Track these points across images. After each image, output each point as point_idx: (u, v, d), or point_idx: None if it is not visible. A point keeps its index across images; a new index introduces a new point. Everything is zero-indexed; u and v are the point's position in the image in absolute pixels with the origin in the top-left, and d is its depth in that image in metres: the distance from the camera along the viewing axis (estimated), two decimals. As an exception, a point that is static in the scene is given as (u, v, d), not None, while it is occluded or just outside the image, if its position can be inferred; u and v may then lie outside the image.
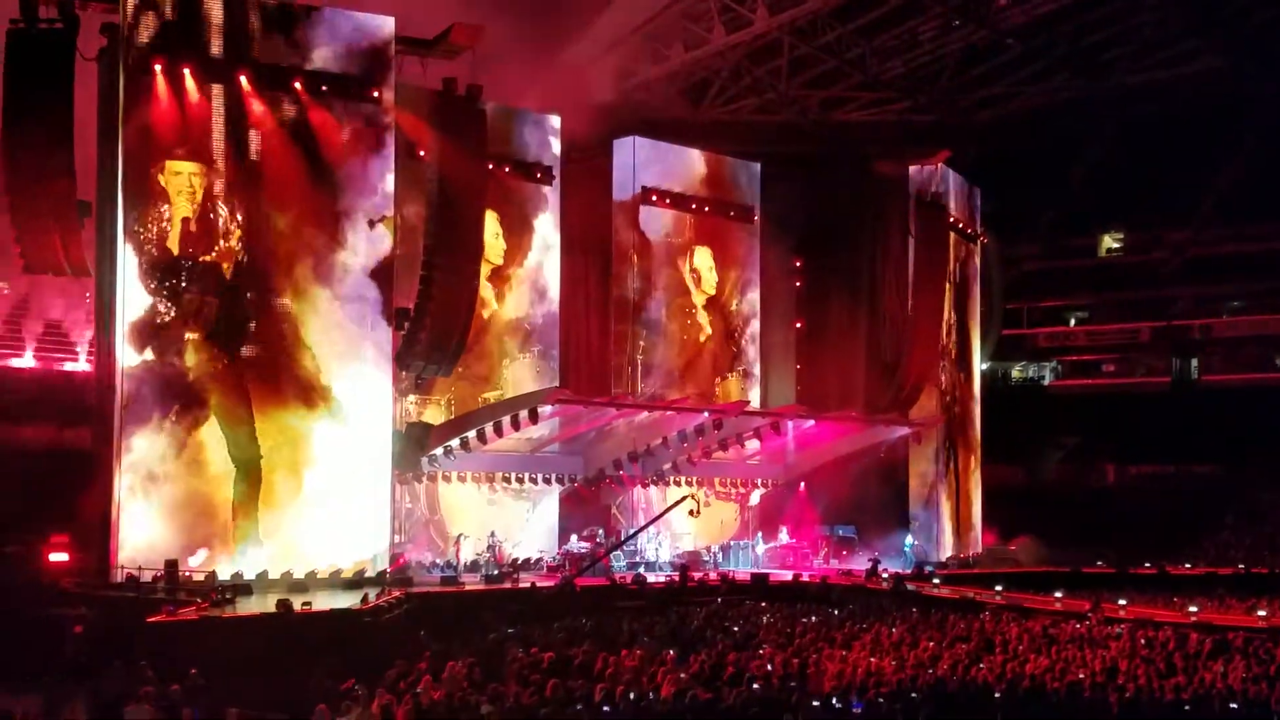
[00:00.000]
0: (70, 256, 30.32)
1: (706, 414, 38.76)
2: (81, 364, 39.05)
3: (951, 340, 48.33)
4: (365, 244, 33.58)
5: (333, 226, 33.34)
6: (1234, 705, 18.33)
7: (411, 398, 36.24)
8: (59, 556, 30.37)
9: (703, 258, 44.18)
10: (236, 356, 32.24)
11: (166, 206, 31.89)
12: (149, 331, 31.38)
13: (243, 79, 32.25)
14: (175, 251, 31.78)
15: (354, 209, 33.58)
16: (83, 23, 30.40)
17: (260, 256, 32.63)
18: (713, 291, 44.38)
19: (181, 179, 32.09)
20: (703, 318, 44.25)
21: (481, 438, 34.51)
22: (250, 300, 32.51)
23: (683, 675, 18.91)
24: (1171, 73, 49.40)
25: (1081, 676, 20.03)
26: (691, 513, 40.75)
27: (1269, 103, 51.24)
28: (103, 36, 31.85)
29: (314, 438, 32.85)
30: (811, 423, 41.38)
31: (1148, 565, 43.04)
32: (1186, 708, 18.16)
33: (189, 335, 31.76)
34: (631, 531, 39.45)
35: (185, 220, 31.98)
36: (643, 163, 42.75)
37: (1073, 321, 64.71)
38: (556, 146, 39.84)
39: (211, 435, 31.84)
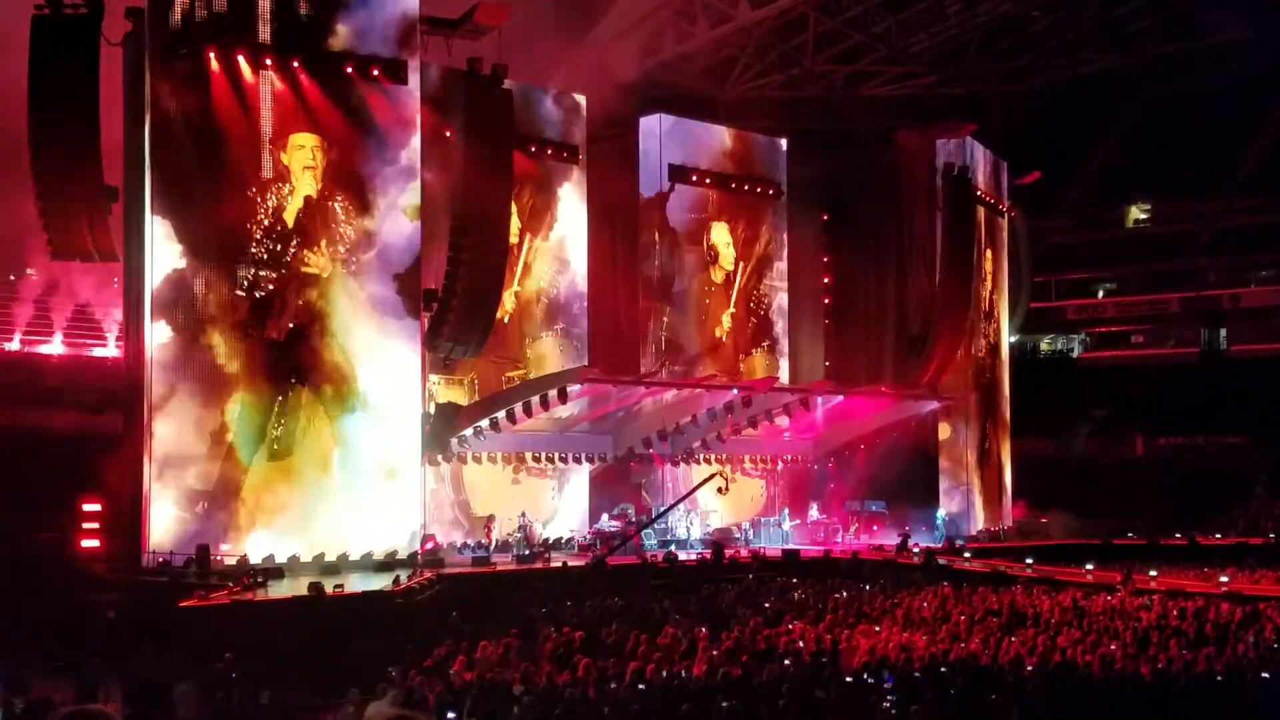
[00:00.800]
0: (98, 241, 30.36)
1: (735, 391, 38.74)
2: (111, 349, 39.21)
3: (980, 313, 48.15)
4: (394, 225, 33.60)
5: (362, 206, 33.40)
6: (1266, 675, 18.27)
7: (434, 378, 36.21)
8: (90, 542, 30.53)
9: (719, 233, 44.05)
10: (269, 340, 32.31)
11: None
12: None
13: (269, 61, 32.29)
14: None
15: (384, 190, 33.62)
16: (107, 8, 30.39)
17: (285, 242, 32.74)
18: (730, 267, 44.20)
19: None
20: (723, 294, 44.09)
21: (511, 418, 34.52)
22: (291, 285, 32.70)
23: (714, 653, 18.92)
24: (1199, 44, 49.05)
25: (1113, 648, 19.97)
26: (720, 490, 40.74)
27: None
28: (128, 21, 31.92)
29: (344, 420, 32.96)
30: (840, 398, 41.31)
31: (1178, 536, 42.97)
32: (1219, 678, 18.10)
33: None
34: (662, 509, 39.48)
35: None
36: (668, 140, 42.66)
37: (1101, 293, 64.50)
38: (582, 125, 39.82)
39: (243, 419, 31.94)
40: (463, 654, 18.82)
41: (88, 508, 30.76)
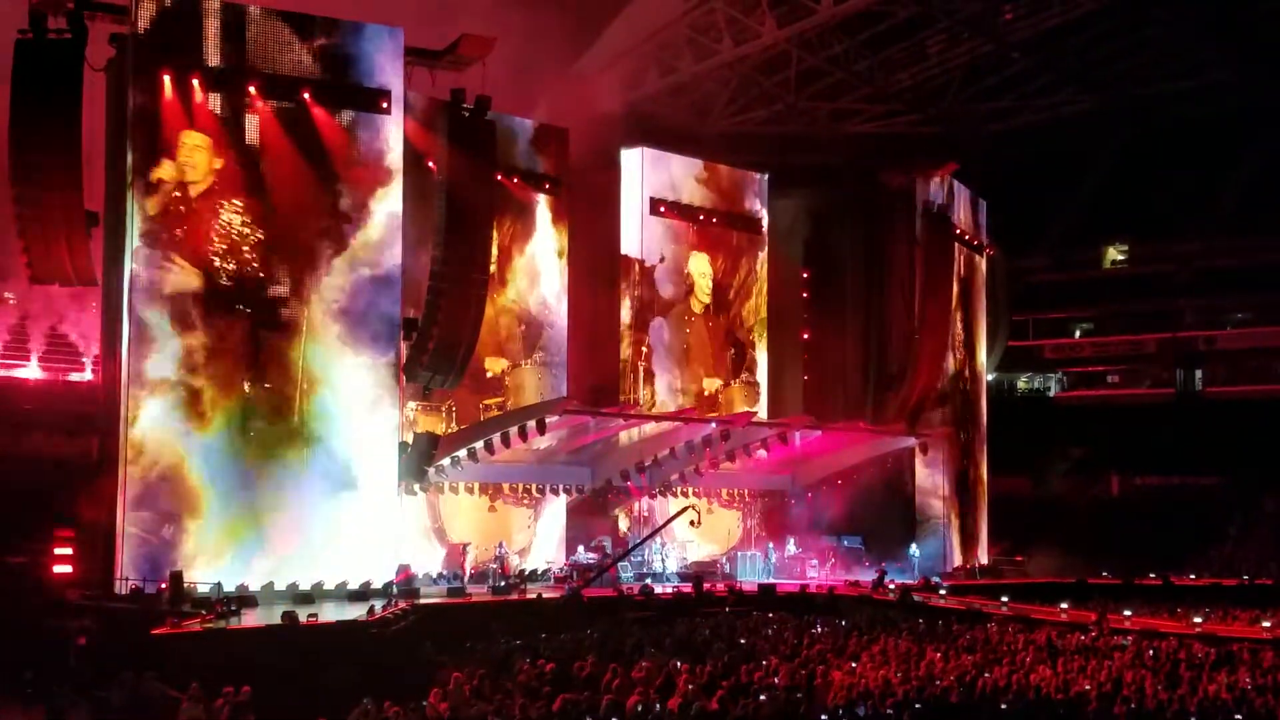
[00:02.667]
0: (77, 266, 30.31)
1: (713, 424, 38.75)
2: (87, 374, 39.03)
3: (958, 351, 48.31)
4: (373, 255, 33.63)
5: (340, 237, 33.42)
6: (1239, 716, 18.30)
7: (411, 404, 36.15)
8: (63, 568, 30.32)
9: (698, 265, 44.06)
10: (245, 367, 32.29)
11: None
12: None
13: (251, 89, 32.38)
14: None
15: (362, 220, 33.66)
16: (91, 33, 30.42)
17: (268, 269, 32.73)
18: (708, 299, 44.23)
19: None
20: (702, 326, 44.12)
21: (489, 448, 34.43)
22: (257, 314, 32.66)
23: (690, 687, 18.87)
24: (1178, 86, 49.46)
25: (1087, 688, 19.98)
26: (692, 523, 40.43)
27: (1276, 115, 51.21)
28: (111, 47, 31.95)
29: (319, 449, 32.91)
30: (818, 433, 41.32)
31: (1153, 576, 43.02)
32: (1192, 719, 18.11)
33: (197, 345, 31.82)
34: (636, 542, 39.37)
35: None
36: (650, 173, 42.76)
37: (1078, 333, 64.70)
38: (565, 157, 39.89)
39: (218, 446, 31.85)
40: (436, 685, 18.73)
41: (60, 533, 30.54)
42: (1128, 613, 32.21)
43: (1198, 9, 45.73)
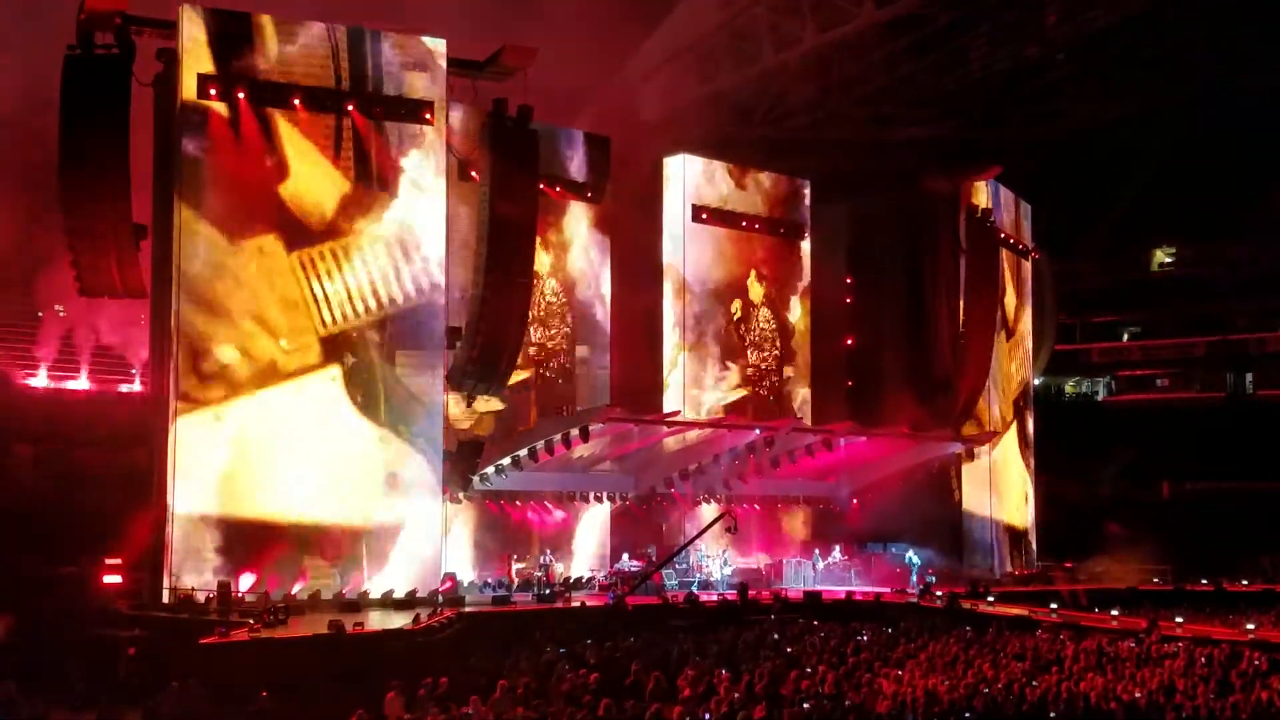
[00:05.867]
0: (126, 278, 30.56)
1: (757, 431, 38.66)
2: (136, 385, 39.36)
3: (1006, 356, 48.12)
4: (419, 267, 33.90)
5: (389, 249, 33.69)
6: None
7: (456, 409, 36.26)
8: (113, 578, 30.59)
9: (743, 273, 44.05)
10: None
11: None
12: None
13: (295, 102, 32.64)
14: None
15: (407, 231, 33.89)
16: (138, 48, 30.71)
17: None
18: (754, 306, 44.16)
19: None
20: (748, 333, 44.08)
21: (533, 455, 34.55)
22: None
23: (735, 695, 18.82)
24: (1224, 87, 49.00)
25: (1138, 695, 19.81)
26: (729, 530, 40.06)
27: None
28: (159, 62, 32.27)
29: (368, 458, 33.14)
30: (863, 439, 41.16)
31: (1204, 582, 42.62)
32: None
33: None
34: (676, 550, 39.15)
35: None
36: (693, 181, 42.77)
37: (1126, 336, 64.29)
38: (607, 165, 39.96)
39: (264, 455, 32.10)
40: (479, 693, 18.75)
41: (110, 544, 30.82)
42: (1179, 619, 31.93)
43: (1243, 8, 45.28)
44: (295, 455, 32.54)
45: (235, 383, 32.21)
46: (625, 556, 38.83)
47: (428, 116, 34.26)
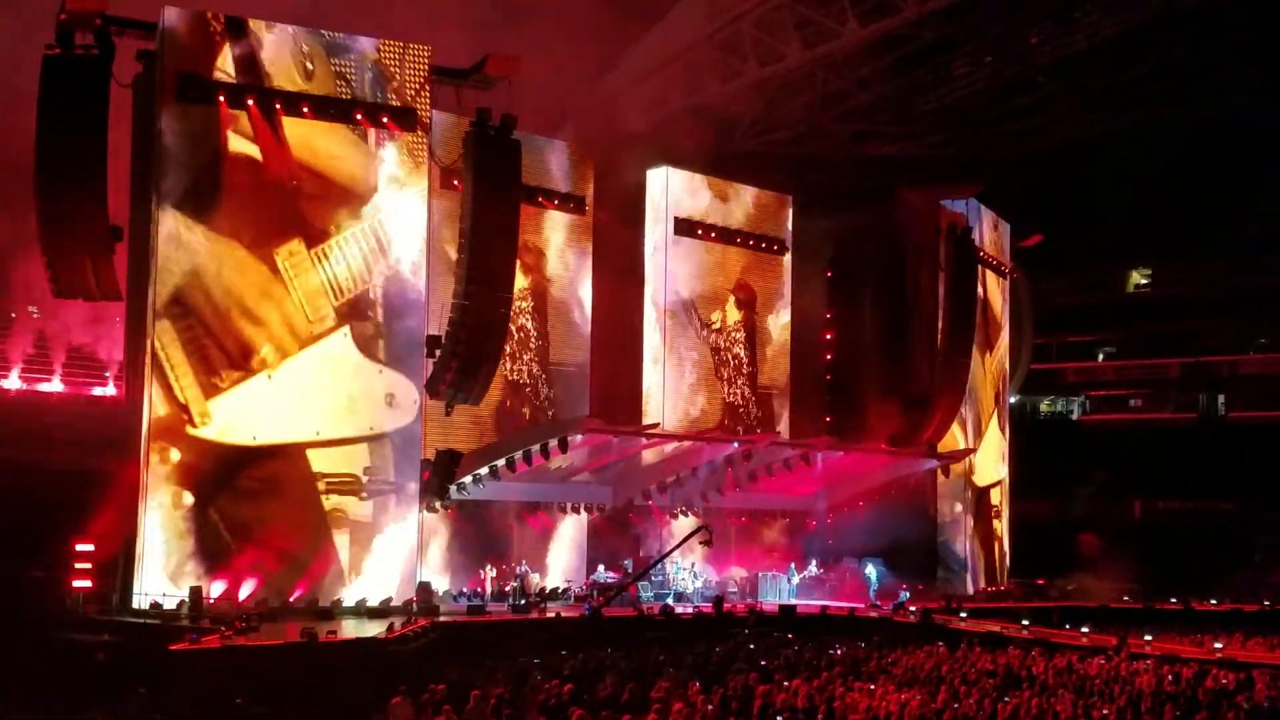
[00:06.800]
0: (101, 281, 30.34)
1: (736, 444, 38.69)
2: (110, 389, 39.15)
3: (982, 374, 48.28)
4: (400, 275, 33.94)
5: (367, 256, 33.71)
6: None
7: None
8: (82, 583, 30.34)
9: (724, 287, 44.10)
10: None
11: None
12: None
13: (276, 107, 32.56)
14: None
15: (387, 239, 33.90)
16: (118, 50, 30.57)
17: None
18: (734, 320, 44.18)
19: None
20: (726, 347, 44.08)
21: (511, 466, 34.50)
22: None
23: (709, 708, 18.80)
24: (1203, 107, 49.29)
25: (1106, 713, 19.87)
26: (704, 543, 39.94)
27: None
28: (138, 63, 32.15)
29: (339, 465, 33.09)
30: (840, 454, 41.23)
31: (1173, 601, 42.81)
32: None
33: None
34: (653, 562, 39.13)
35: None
36: (675, 194, 42.80)
37: (1101, 356, 64.59)
38: (590, 177, 39.97)
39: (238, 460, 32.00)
40: (452, 702, 18.68)
41: (80, 548, 30.58)
42: (1148, 637, 32.06)
43: (1222, 34, 45.58)
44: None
45: (214, 384, 31.99)
46: (601, 568, 38.81)
47: (410, 124, 34.19)
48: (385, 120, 33.88)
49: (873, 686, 22.01)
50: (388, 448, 33.75)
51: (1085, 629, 34.05)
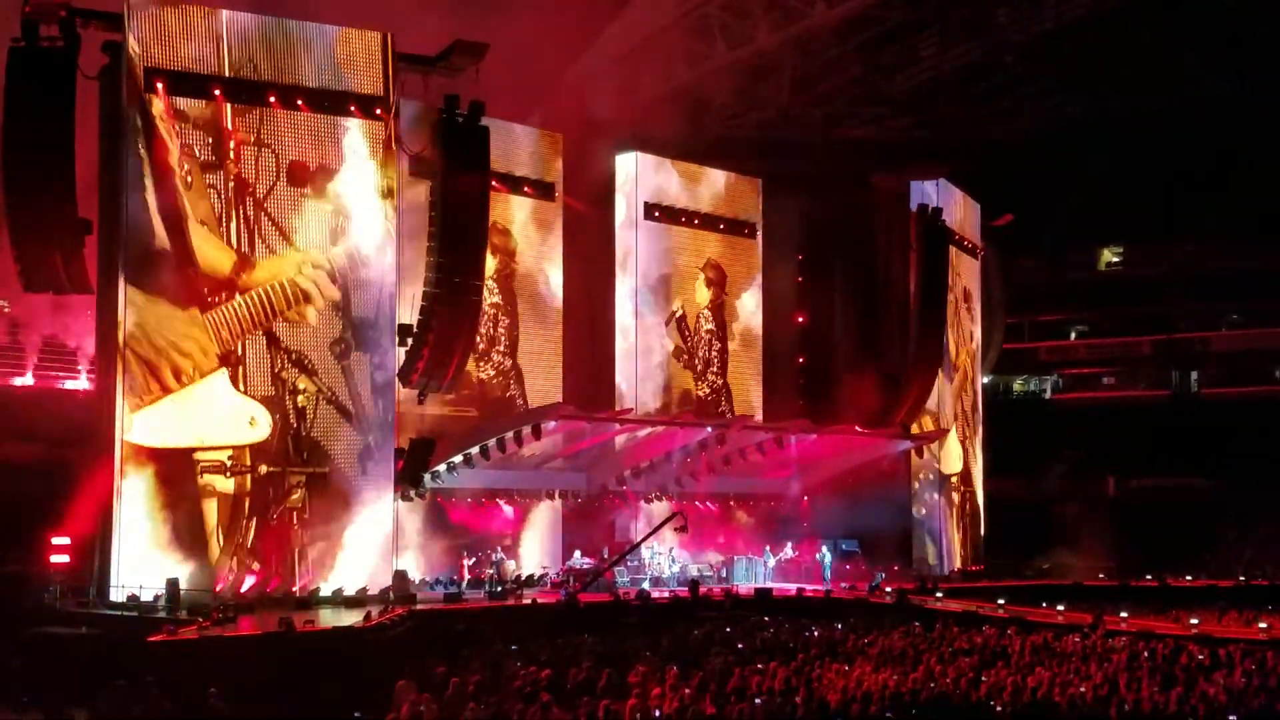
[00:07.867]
0: (71, 274, 30.23)
1: (709, 429, 38.73)
2: (82, 382, 38.94)
3: (954, 354, 48.40)
4: (367, 264, 33.91)
5: (334, 244, 33.64)
6: (1233, 717, 18.33)
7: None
8: (59, 575, 30.24)
9: (695, 271, 44.10)
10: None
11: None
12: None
13: (243, 96, 32.43)
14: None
15: (358, 227, 33.78)
16: (84, 41, 30.40)
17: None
18: (704, 304, 44.24)
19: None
20: (698, 330, 44.09)
21: (485, 454, 34.49)
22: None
23: (686, 691, 18.84)
24: (1173, 89, 49.44)
25: (1083, 689, 19.98)
26: (679, 529, 40.00)
27: (1270, 120, 51.24)
28: (104, 55, 31.93)
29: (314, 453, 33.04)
30: (814, 436, 41.32)
31: (1149, 578, 43.05)
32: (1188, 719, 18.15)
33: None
34: (629, 548, 39.18)
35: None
36: (644, 178, 42.76)
37: (1073, 335, 64.85)
38: (558, 163, 39.89)
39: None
40: (430, 690, 18.68)
41: (56, 540, 30.49)
42: (1124, 614, 32.23)
43: (1189, 17, 45.74)
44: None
45: (184, 375, 31.85)
46: (577, 554, 38.83)
47: (378, 111, 34.07)
48: (352, 108, 33.75)
49: (849, 667, 22.08)
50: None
51: (1061, 607, 34.21)
